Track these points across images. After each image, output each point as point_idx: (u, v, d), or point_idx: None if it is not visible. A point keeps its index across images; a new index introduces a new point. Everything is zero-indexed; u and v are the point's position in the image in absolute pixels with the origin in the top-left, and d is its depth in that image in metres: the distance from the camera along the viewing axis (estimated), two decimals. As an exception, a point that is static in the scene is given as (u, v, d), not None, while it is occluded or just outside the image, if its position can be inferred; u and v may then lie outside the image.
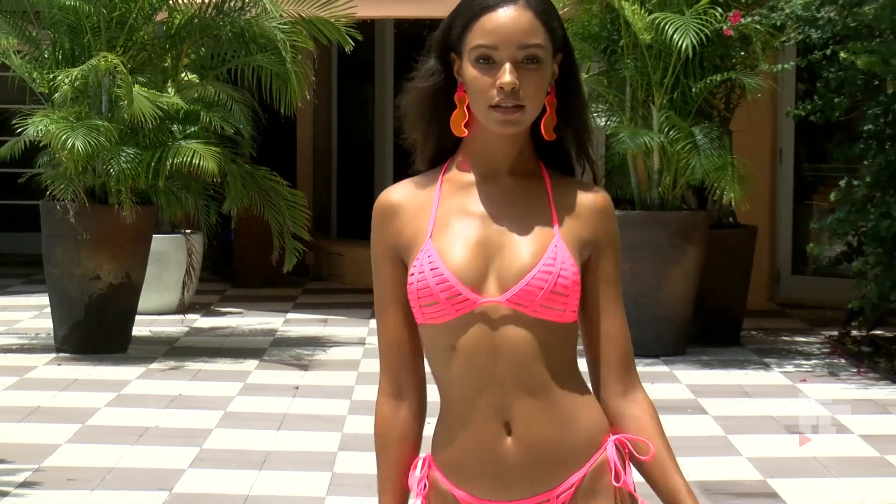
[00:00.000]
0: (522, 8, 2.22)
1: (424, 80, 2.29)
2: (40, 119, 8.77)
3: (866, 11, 8.31)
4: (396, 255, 2.30)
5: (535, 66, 2.22)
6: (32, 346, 9.48)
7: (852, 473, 6.36)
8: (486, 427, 2.25)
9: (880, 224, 8.66)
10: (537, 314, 2.24)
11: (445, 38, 2.28)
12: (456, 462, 2.28)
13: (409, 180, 2.33)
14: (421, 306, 2.26)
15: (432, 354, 2.29)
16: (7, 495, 5.87)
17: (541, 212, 2.29)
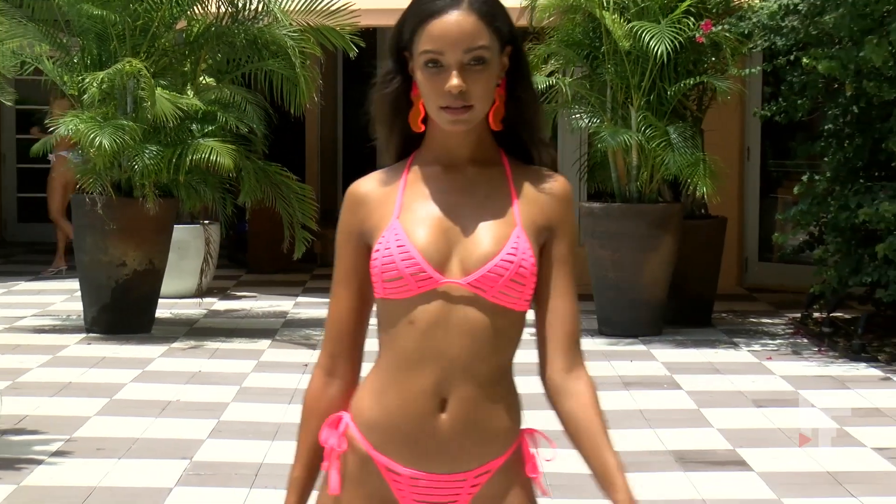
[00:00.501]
0: (466, 12, 2.14)
1: (384, 86, 2.23)
2: (70, 119, 8.76)
3: (826, 21, 8.31)
4: (360, 240, 2.24)
5: (481, 66, 2.14)
6: (64, 326, 9.48)
7: (813, 443, 6.36)
8: (423, 399, 2.18)
9: (839, 215, 8.67)
10: (495, 300, 2.18)
11: (398, 40, 2.21)
12: (381, 426, 2.20)
13: (377, 172, 2.28)
14: (384, 281, 2.19)
15: (387, 328, 2.22)
16: (41, 463, 5.87)
17: (502, 199, 2.22)
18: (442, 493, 2.20)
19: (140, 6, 9.06)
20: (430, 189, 2.23)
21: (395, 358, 2.21)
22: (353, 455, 2.22)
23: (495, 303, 2.19)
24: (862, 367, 8.22)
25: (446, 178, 2.23)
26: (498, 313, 2.20)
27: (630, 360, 8.49)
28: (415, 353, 2.19)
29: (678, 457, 6.10)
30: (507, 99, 2.21)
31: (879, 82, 8.33)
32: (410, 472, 2.19)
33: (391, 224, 2.20)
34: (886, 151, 8.65)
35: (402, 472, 2.19)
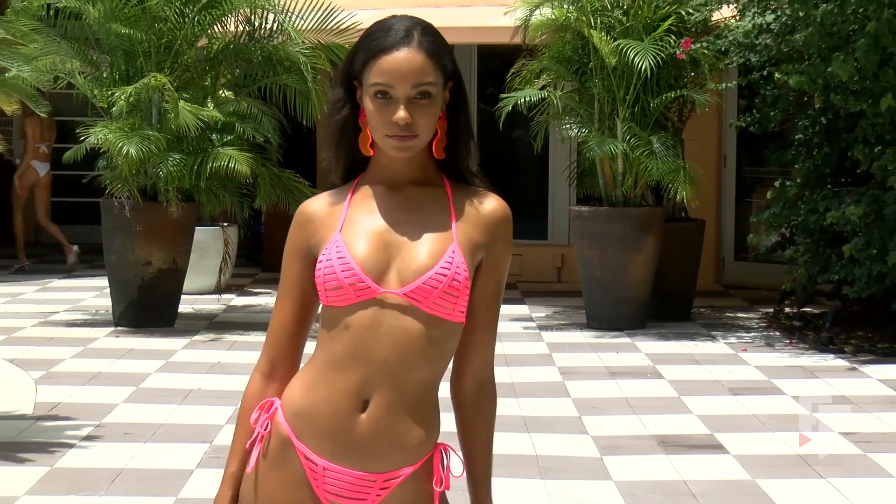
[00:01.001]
0: (415, 50, 2.14)
1: (334, 113, 2.21)
2: (100, 129, 8.75)
3: (797, 39, 8.30)
4: (307, 254, 2.22)
5: (426, 100, 2.14)
6: (94, 321, 9.47)
7: (786, 428, 6.35)
8: (347, 397, 2.16)
9: (809, 218, 8.66)
10: (430, 310, 2.15)
11: (349, 70, 2.20)
12: (306, 416, 2.18)
13: (325, 193, 2.26)
14: (326, 290, 2.18)
15: (325, 330, 2.21)
16: (73, 447, 5.86)
17: (441, 218, 2.19)
18: (352, 489, 2.17)
19: (164, 25, 9.05)
20: (374, 206, 2.21)
21: (328, 357, 2.19)
22: (275, 439, 2.20)
23: (430, 313, 2.16)
24: (830, 358, 8.21)
25: (389, 196, 2.21)
26: (433, 324, 2.16)
27: (616, 351, 8.48)
28: (346, 354, 2.17)
29: (660, 441, 6.09)
30: (447, 130, 2.20)
31: (846, 95, 8.32)
32: (325, 462, 2.17)
33: (334, 237, 2.19)
34: (852, 159, 8.64)
35: (317, 461, 2.17)
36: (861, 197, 8.32)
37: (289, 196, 9.39)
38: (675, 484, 5.39)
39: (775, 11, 8.62)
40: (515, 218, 2.25)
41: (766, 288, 10.56)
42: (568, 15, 9.19)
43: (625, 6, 9.28)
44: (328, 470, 2.16)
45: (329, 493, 2.17)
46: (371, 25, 2.20)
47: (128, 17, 8.99)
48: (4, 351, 8.18)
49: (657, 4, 9.19)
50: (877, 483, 5.44)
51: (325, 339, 2.21)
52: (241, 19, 9.38)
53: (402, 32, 2.15)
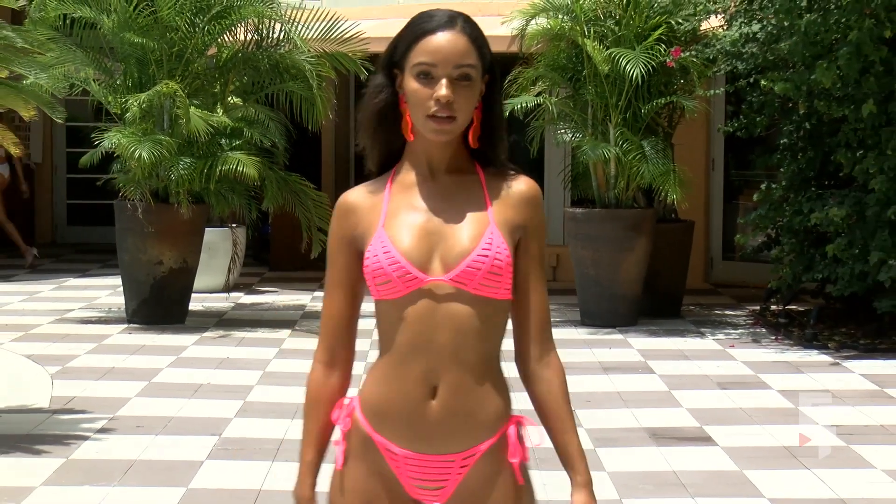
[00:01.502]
0: (458, 33, 2.15)
1: (374, 97, 2.19)
2: (114, 134, 8.74)
3: (782, 47, 8.29)
4: (351, 245, 2.22)
5: (467, 83, 2.13)
6: (108, 318, 9.45)
7: (771, 421, 6.34)
8: (416, 387, 2.16)
9: (794, 219, 8.65)
10: (477, 291, 2.15)
11: (391, 57, 2.19)
12: (382, 411, 2.19)
13: (364, 184, 2.25)
14: (376, 284, 2.18)
15: (383, 325, 2.22)
16: (88, 439, 5.85)
17: (476, 203, 2.19)
18: (433, 472, 2.18)
19: (175, 35, 9.04)
20: (412, 197, 2.20)
21: (391, 351, 2.20)
22: (356, 435, 2.21)
23: (477, 294, 2.16)
24: (814, 353, 8.20)
25: (426, 186, 2.20)
26: (481, 303, 2.16)
27: (609, 347, 8.46)
28: (407, 346, 2.17)
29: (651, 433, 6.08)
30: (482, 119, 2.20)
31: (829, 102, 8.31)
32: (404, 452, 2.17)
33: (378, 232, 2.18)
34: (835, 163, 8.63)
35: (397, 451, 2.18)
36: (844, 199, 8.31)
37: (294, 198, 9.38)
38: (666, 475, 5.38)
39: (761, 21, 8.61)
40: None
41: (752, 286, 10.55)
42: (563, 25, 9.18)
43: (617, 16, 9.27)
44: (409, 458, 2.17)
45: (415, 480, 2.18)
46: (414, 15, 2.21)
47: (141, 27, 8.98)
48: (22, 347, 8.16)
49: (648, 15, 9.17)
50: (859, 473, 5.43)
51: (384, 333, 2.22)
52: (250, 29, 9.37)
53: (445, 17, 2.16)
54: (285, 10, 9.24)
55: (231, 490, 5.15)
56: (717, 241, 11.53)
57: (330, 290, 2.27)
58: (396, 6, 11.76)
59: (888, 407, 6.68)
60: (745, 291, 10.67)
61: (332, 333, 2.28)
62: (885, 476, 5.38)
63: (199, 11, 9.08)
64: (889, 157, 8.09)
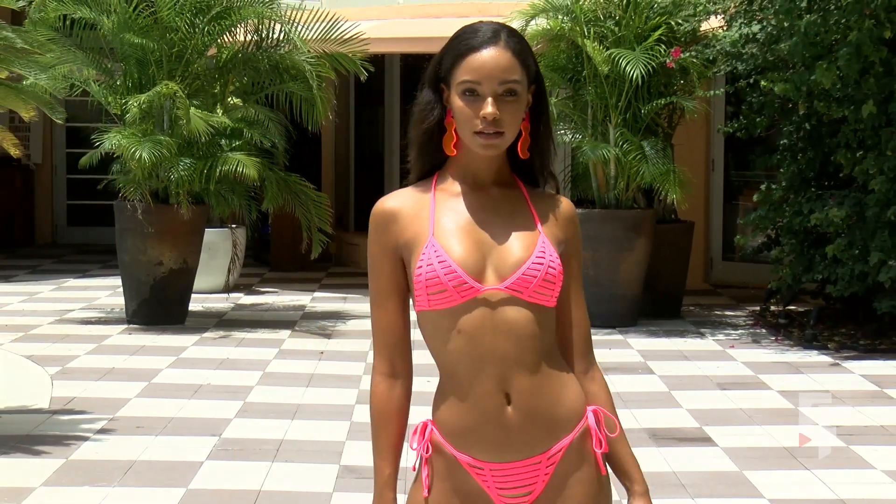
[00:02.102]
0: (502, 48, 2.16)
1: (427, 115, 2.21)
2: (114, 135, 8.74)
3: (782, 48, 8.29)
4: (396, 253, 2.20)
5: (512, 98, 2.15)
6: (108, 318, 9.45)
7: (771, 422, 6.34)
8: (490, 398, 2.16)
9: (793, 220, 8.65)
10: (531, 299, 2.17)
11: (436, 73, 2.21)
12: (461, 429, 2.18)
13: (403, 190, 2.24)
14: (429, 294, 2.16)
15: (436, 337, 2.19)
16: (88, 440, 5.85)
17: (524, 215, 2.22)
18: (521, 478, 2.18)
19: (175, 35, 9.04)
20: (459, 207, 2.21)
21: (452, 365, 2.18)
22: (439, 457, 2.20)
23: (531, 301, 2.18)
24: (814, 354, 8.20)
25: (473, 196, 2.22)
26: (535, 311, 2.18)
27: (609, 348, 8.46)
28: (469, 358, 2.16)
29: (651, 434, 6.08)
30: (531, 131, 2.22)
31: (829, 102, 8.31)
32: (490, 465, 2.17)
33: (429, 241, 2.17)
34: (835, 163, 8.63)
35: (483, 466, 2.18)
36: (843, 199, 8.31)
37: (294, 199, 9.37)
38: (666, 475, 5.37)
39: (761, 22, 8.61)
40: None
41: (752, 287, 10.55)
42: (562, 25, 9.18)
43: (617, 17, 9.27)
44: (496, 470, 2.17)
45: (501, 489, 2.18)
46: (458, 30, 2.22)
47: (140, 28, 8.98)
48: (22, 347, 8.16)
49: (648, 15, 9.17)
50: (859, 474, 5.43)
51: (437, 347, 2.20)
52: (250, 29, 9.37)
53: (489, 33, 2.17)
54: (285, 11, 9.24)
55: (231, 491, 5.15)
56: (717, 242, 11.53)
57: (380, 300, 2.23)
58: (396, 6, 11.76)
59: (888, 407, 6.68)
60: (745, 292, 10.67)
61: (391, 345, 2.23)
62: (885, 476, 5.38)
63: (198, 12, 9.08)
64: (889, 158, 8.09)
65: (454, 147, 2.20)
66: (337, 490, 5.14)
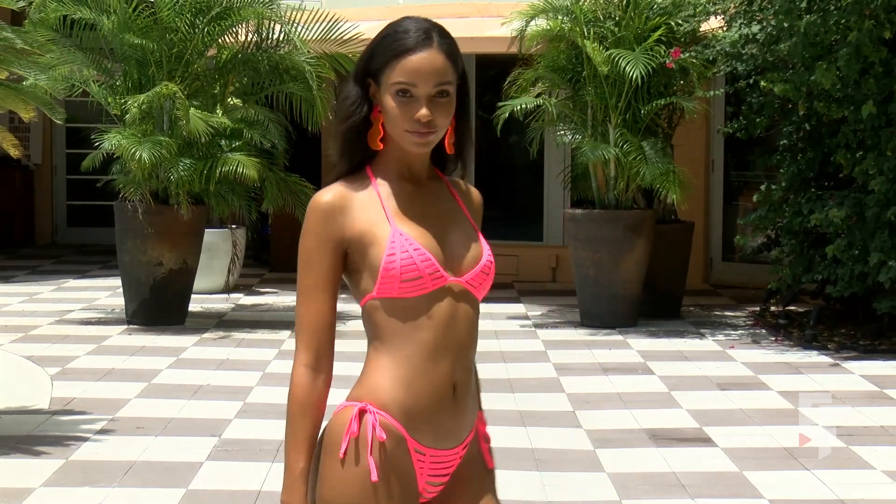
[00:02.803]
0: (436, 51, 2.17)
1: (354, 110, 2.21)
2: (114, 135, 8.74)
3: (782, 48, 8.29)
4: (340, 247, 2.20)
5: (445, 99, 2.18)
6: (108, 319, 9.45)
7: (771, 422, 6.34)
8: (444, 385, 2.20)
9: (793, 220, 8.65)
10: (478, 294, 2.25)
11: (366, 68, 2.21)
12: (413, 412, 2.19)
13: (340, 184, 2.23)
14: (402, 281, 2.17)
15: (401, 323, 2.19)
16: (87, 440, 5.85)
17: (457, 209, 2.29)
18: (447, 464, 2.24)
19: (175, 36, 9.04)
20: (406, 201, 2.22)
21: (417, 349, 2.20)
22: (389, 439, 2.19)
23: (477, 297, 2.26)
24: (814, 354, 8.20)
25: (414, 191, 2.24)
26: (476, 305, 2.27)
27: (609, 348, 8.46)
28: (435, 343, 2.19)
29: (651, 434, 6.08)
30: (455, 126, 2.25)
31: (828, 103, 8.31)
32: (431, 451, 2.21)
33: (393, 230, 2.18)
34: (835, 164, 8.63)
35: (426, 451, 2.21)
36: (843, 200, 8.31)
37: (295, 199, 9.38)
38: (666, 475, 5.37)
39: (761, 22, 8.61)
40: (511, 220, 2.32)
41: (752, 287, 10.55)
42: (562, 26, 9.18)
43: (617, 17, 9.27)
44: (434, 457, 2.21)
45: (431, 476, 2.23)
46: (386, 27, 2.21)
47: (140, 29, 8.98)
48: (22, 348, 8.16)
49: (648, 16, 9.18)
50: (859, 474, 5.43)
51: (402, 330, 2.20)
52: (250, 30, 9.37)
53: (421, 34, 2.18)
54: (285, 12, 9.25)
55: (231, 491, 5.15)
56: (717, 242, 11.53)
57: (311, 293, 2.23)
58: (396, 7, 11.76)
59: (888, 408, 6.68)
60: (745, 292, 10.67)
61: (317, 336, 2.24)
62: (884, 477, 5.38)
63: (198, 12, 9.08)
64: (889, 158, 8.09)
65: (380, 141, 2.21)
66: (337, 490, 5.13)
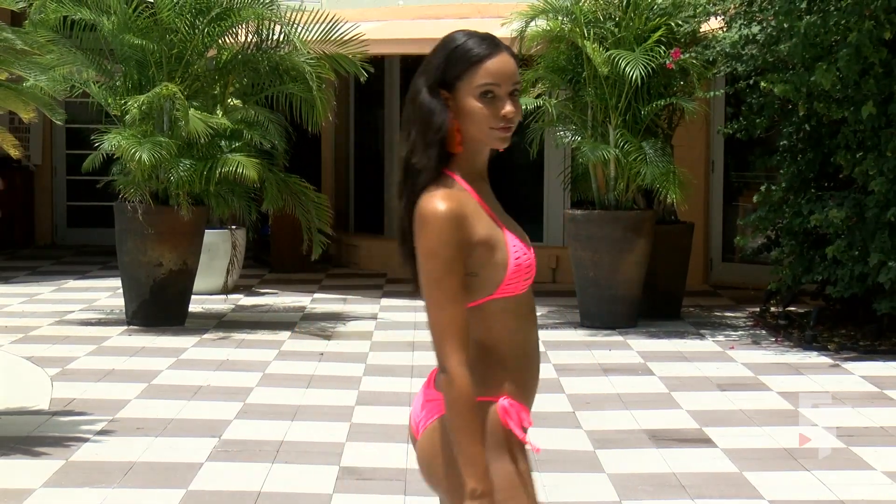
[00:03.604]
0: (507, 54, 2.45)
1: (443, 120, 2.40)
2: (114, 136, 8.74)
3: (782, 49, 8.29)
4: (466, 250, 2.36)
5: (517, 96, 2.44)
6: (108, 320, 9.45)
7: (771, 423, 6.34)
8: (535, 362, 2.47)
9: (793, 221, 8.65)
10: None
11: (442, 79, 2.43)
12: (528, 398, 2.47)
13: (441, 190, 2.37)
14: (522, 280, 2.41)
15: (511, 317, 2.41)
16: (88, 441, 5.85)
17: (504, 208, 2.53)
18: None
19: (175, 37, 9.04)
20: (489, 202, 2.46)
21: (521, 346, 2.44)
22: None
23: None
24: (814, 355, 8.20)
25: (485, 192, 2.47)
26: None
27: (609, 349, 8.46)
28: (535, 333, 2.48)
29: (651, 435, 6.08)
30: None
31: (828, 103, 8.31)
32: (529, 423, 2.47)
33: (505, 232, 2.42)
34: (835, 164, 8.63)
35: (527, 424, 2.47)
36: (843, 200, 8.31)
37: (295, 200, 9.37)
38: (666, 476, 5.38)
39: (761, 23, 8.61)
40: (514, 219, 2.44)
41: (752, 288, 10.55)
42: (562, 26, 9.18)
43: (617, 18, 9.27)
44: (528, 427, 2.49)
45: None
46: (446, 42, 2.45)
47: (140, 29, 8.99)
48: (22, 349, 8.17)
49: (648, 16, 9.18)
50: (859, 475, 5.44)
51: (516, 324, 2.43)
52: (250, 31, 9.37)
53: (490, 41, 2.45)
54: (285, 12, 9.25)
55: (231, 492, 5.15)
56: (717, 243, 11.53)
57: (457, 296, 2.34)
58: (396, 8, 11.76)
59: (888, 409, 6.69)
60: (745, 293, 10.67)
61: (465, 337, 2.34)
62: (885, 478, 5.38)
63: (198, 13, 9.09)
64: (889, 159, 8.09)
65: (459, 145, 2.43)
66: (337, 491, 5.14)
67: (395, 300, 10.46)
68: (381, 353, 8.23)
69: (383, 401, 6.82)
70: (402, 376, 7.43)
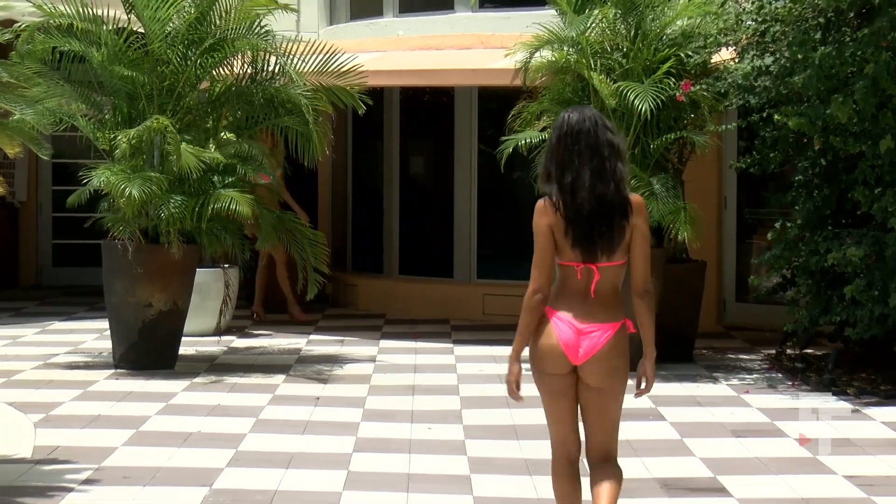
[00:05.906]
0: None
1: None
2: (102, 171, 8.76)
3: (796, 81, 8.32)
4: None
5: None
6: (94, 363, 9.43)
7: (789, 471, 6.30)
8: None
9: (810, 259, 8.64)
10: None
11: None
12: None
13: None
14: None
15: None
16: (72, 490, 5.82)
17: None
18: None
19: (167, 68, 9.08)
20: None
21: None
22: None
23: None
24: (832, 399, 8.17)
25: None
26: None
27: (617, 393, 8.41)
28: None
29: (663, 484, 6.04)
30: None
31: (845, 137, 8.33)
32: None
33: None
34: (852, 201, 8.63)
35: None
36: (861, 238, 8.31)
37: (290, 237, 9.38)
38: (678, 527, 5.34)
39: (774, 54, 8.65)
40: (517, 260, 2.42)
41: (767, 329, 10.52)
42: (568, 57, 9.22)
43: (624, 49, 9.31)
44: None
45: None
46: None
47: (131, 61, 9.03)
48: (4, 394, 8.14)
49: (657, 47, 9.22)
50: (881, 526, 5.39)
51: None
52: (244, 62, 9.41)
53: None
54: (280, 43, 9.29)
55: (222, 544, 5.10)
56: (731, 283, 11.52)
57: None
58: (396, 38, 11.82)
59: (911, 456, 6.65)
60: (760, 335, 10.64)
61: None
62: (908, 529, 5.34)
63: (191, 44, 9.13)
64: (908, 195, 8.09)
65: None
66: (333, 543, 5.09)
67: (395, 342, 10.43)
68: (379, 397, 8.20)
69: (382, 447, 6.78)
70: (402, 421, 7.40)
